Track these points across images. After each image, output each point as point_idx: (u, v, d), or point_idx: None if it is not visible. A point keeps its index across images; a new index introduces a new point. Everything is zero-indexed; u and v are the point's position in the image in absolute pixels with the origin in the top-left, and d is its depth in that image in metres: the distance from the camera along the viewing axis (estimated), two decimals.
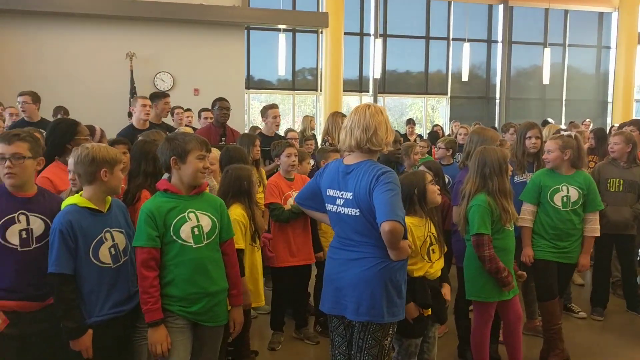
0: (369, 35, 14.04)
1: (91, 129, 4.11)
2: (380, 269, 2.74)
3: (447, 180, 5.20)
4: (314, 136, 7.68)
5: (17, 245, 2.66)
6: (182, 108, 7.81)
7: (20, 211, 2.68)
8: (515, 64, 15.53)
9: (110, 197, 2.85)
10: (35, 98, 6.34)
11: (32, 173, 2.79)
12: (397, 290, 2.81)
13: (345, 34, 12.38)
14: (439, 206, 3.47)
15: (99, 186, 2.74)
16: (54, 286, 2.63)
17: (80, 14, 10.24)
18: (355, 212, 2.74)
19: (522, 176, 4.52)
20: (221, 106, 5.93)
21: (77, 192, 2.84)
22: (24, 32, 10.21)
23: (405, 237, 2.77)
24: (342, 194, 2.82)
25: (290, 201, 4.33)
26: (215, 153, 4.09)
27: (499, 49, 15.30)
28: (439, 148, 5.81)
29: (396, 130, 9.16)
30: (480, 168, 3.59)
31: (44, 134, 4.10)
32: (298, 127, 9.10)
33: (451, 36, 14.82)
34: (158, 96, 6.04)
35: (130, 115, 9.68)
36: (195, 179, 2.82)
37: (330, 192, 2.88)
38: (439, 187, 3.36)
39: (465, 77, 13.27)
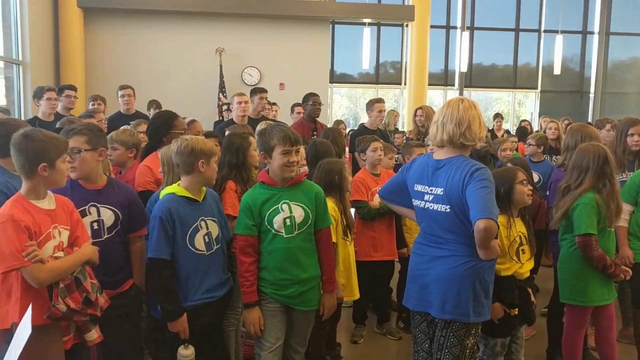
0: (455, 28, 13.74)
1: (192, 123, 4.32)
2: (468, 267, 2.70)
3: (537, 178, 5.02)
4: (397, 131, 7.64)
5: (89, 237, 2.78)
6: (269, 102, 7.98)
7: (90, 203, 2.81)
8: (612, 56, 14.68)
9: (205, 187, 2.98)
10: (134, 92, 6.72)
11: (95, 165, 2.86)
12: (485, 290, 2.77)
13: (431, 27, 12.18)
14: (529, 206, 3.36)
15: (195, 176, 2.87)
16: (153, 270, 2.80)
17: (172, 11, 10.69)
18: (446, 209, 2.71)
19: (622, 175, 4.28)
20: (314, 101, 6.01)
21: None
22: (118, 29, 10.78)
23: (495, 237, 2.71)
24: (431, 190, 2.78)
25: (377, 197, 4.34)
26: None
27: (594, 40, 14.51)
28: (529, 145, 5.57)
29: (491, 129, 8.97)
30: (600, 165, 3.39)
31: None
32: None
33: (543, 28, 14.22)
34: (254, 92, 6.25)
35: (220, 107, 10.09)
36: (281, 172, 2.89)
37: (419, 187, 2.85)
38: (530, 188, 3.24)
39: (557, 71, 12.71)
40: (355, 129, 6.98)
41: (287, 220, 2.89)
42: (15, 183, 3.04)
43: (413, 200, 2.90)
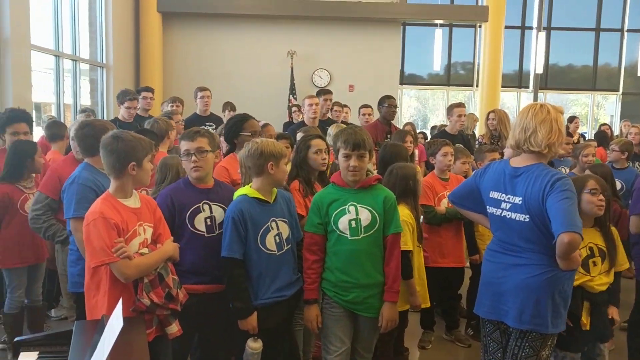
0: (531, 28, 13.31)
1: (265, 127, 4.45)
2: (548, 277, 2.64)
3: (620, 186, 4.80)
4: (472, 135, 7.50)
5: (204, 232, 2.97)
6: (340, 104, 8.02)
7: (203, 201, 2.98)
8: None
9: (276, 188, 3.05)
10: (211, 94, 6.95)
11: (212, 166, 3.09)
12: (564, 301, 2.71)
13: (505, 27, 11.86)
14: (609, 215, 3.21)
15: (265, 178, 2.94)
16: (225, 270, 2.89)
17: (246, 15, 10.94)
18: (524, 218, 2.64)
19: None
20: (390, 104, 6.01)
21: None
22: (195, 33, 11.13)
23: None
24: (508, 198, 2.72)
25: (444, 202, 4.29)
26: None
27: None
28: (612, 150, 5.31)
29: (568, 132, 8.63)
30: None
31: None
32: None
33: (626, 27, 13.54)
34: (319, 93, 6.36)
35: (290, 109, 10.23)
36: (344, 175, 2.95)
37: (494, 194, 2.79)
38: (601, 199, 3.06)
39: None
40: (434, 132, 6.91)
41: (353, 222, 2.91)
42: (103, 181, 3.23)
43: (487, 207, 2.85)
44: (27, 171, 3.99)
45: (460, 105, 6.09)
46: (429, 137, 8.32)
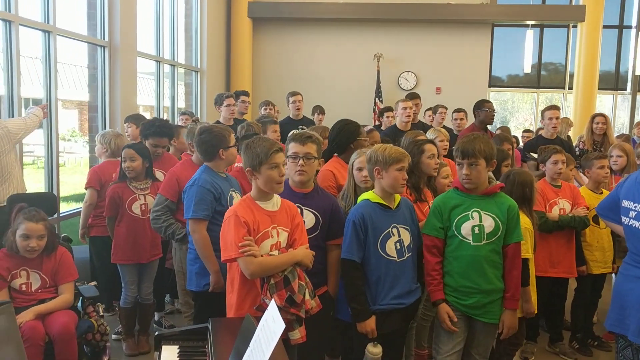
0: (629, 27, 12.63)
1: (371, 132, 4.49)
2: None
3: None
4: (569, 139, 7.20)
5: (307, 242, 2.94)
6: (430, 109, 7.95)
7: (296, 205, 2.98)
8: None
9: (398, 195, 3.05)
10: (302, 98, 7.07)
11: (315, 172, 3.12)
12: None
13: (603, 27, 11.31)
14: None
15: (378, 183, 2.97)
16: (344, 271, 2.93)
17: (333, 19, 11.02)
18: None
19: None
20: (489, 108, 5.90)
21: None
22: (283, 37, 11.34)
23: None
24: (635, 206, 2.64)
25: (556, 209, 4.17)
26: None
27: None
28: None
29: None
30: None
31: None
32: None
33: None
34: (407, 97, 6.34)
35: (375, 112, 10.23)
36: (461, 183, 2.98)
37: (625, 203, 2.73)
38: None
39: None
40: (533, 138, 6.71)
41: (476, 229, 2.91)
42: (222, 184, 3.37)
43: (622, 217, 2.76)
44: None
45: (552, 107, 5.86)
46: (520, 140, 8.06)
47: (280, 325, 1.55)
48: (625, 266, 2.77)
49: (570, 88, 11.80)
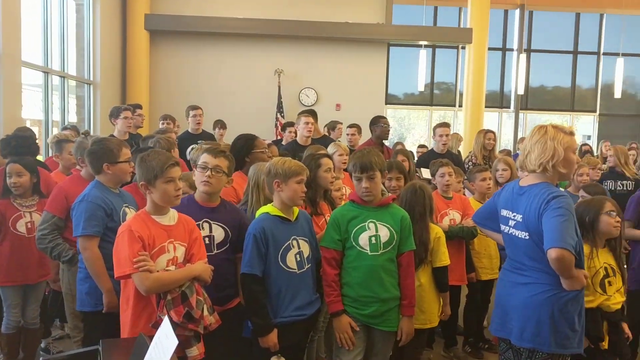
0: (512, 50, 13.64)
1: (270, 147, 4.46)
2: (549, 296, 2.67)
3: None
4: (459, 154, 7.59)
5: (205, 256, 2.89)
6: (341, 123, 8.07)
7: (204, 219, 2.95)
8: None
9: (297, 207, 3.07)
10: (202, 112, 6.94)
11: (222, 188, 3.07)
12: (568, 322, 2.70)
13: (488, 49, 12.12)
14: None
15: (277, 196, 2.97)
16: (245, 286, 2.88)
17: (234, 34, 10.99)
18: (525, 236, 2.71)
19: None
20: (384, 123, 6.08)
21: None
22: (182, 51, 11.16)
23: (581, 267, 2.69)
24: (514, 216, 2.80)
25: (446, 220, 4.35)
26: None
27: None
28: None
29: None
30: None
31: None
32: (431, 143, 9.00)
33: (602, 50, 13.96)
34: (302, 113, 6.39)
35: (277, 127, 10.27)
36: (360, 196, 3.04)
37: (504, 212, 2.88)
38: (618, 220, 3.16)
39: (618, 94, 12.40)
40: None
41: (373, 239, 2.99)
42: (113, 199, 3.22)
43: (500, 225, 2.92)
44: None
45: (443, 125, 6.18)
46: (415, 155, 8.40)
47: (173, 342, 1.50)
48: (505, 272, 2.92)
49: (461, 106, 12.49)
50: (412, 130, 14.50)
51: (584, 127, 14.54)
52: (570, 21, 13.91)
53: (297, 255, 2.95)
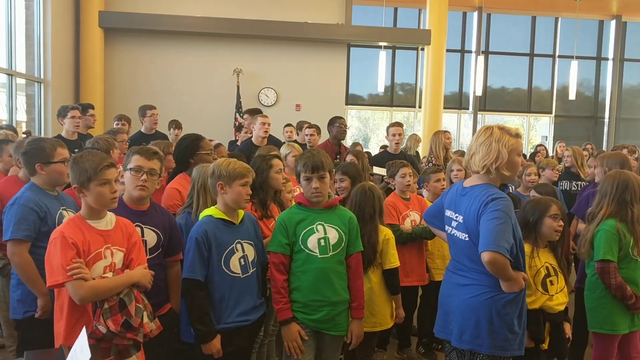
0: (470, 52, 13.82)
1: (218, 147, 4.34)
2: (487, 298, 2.67)
3: None
4: (417, 155, 7.63)
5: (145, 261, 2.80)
6: (292, 125, 8.04)
7: (136, 223, 2.83)
8: (627, 82, 14.70)
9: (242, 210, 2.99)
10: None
11: (154, 189, 2.97)
12: (507, 324, 2.68)
13: (447, 50, 12.25)
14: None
15: (221, 199, 2.89)
16: (187, 291, 2.79)
17: (191, 32, 10.80)
18: (465, 237, 2.71)
19: None
20: (341, 124, 6.04)
21: None
22: (138, 49, 10.91)
23: (520, 269, 2.70)
24: (456, 216, 2.80)
25: (408, 221, 4.34)
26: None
27: (609, 66, 14.54)
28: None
29: None
30: (619, 193, 3.38)
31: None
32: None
33: (557, 53, 14.28)
34: (253, 112, 6.33)
35: (236, 127, 10.15)
36: (308, 197, 2.98)
37: (448, 212, 2.87)
38: (560, 224, 3.18)
39: (572, 96, 12.70)
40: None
41: (322, 241, 2.93)
42: (49, 202, 3.08)
43: (445, 225, 2.92)
44: None
45: (395, 124, 6.15)
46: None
47: (87, 355, 1.40)
48: (448, 273, 2.91)
49: (421, 107, 12.59)
50: (377, 131, 14.55)
51: (542, 127, 14.85)
52: (526, 24, 14.19)
53: (242, 259, 2.88)
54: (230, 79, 10.96)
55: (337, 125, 6.01)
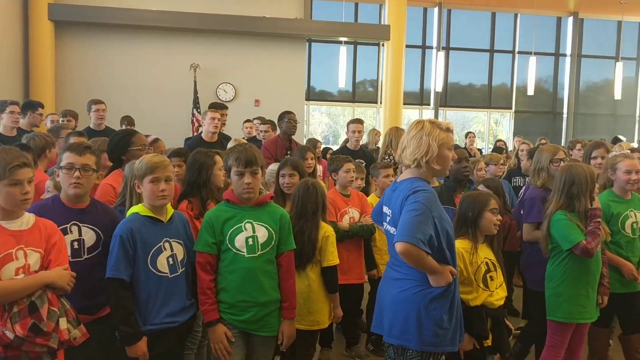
0: (431, 48, 13.88)
1: (156, 142, 4.19)
2: (415, 292, 2.64)
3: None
4: (376, 151, 7.57)
5: (68, 256, 2.66)
6: (251, 121, 7.91)
7: (72, 222, 2.72)
8: (584, 78, 14.99)
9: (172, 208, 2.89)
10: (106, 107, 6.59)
11: (92, 186, 2.86)
12: (436, 319, 2.63)
13: (407, 46, 12.26)
14: (500, 227, 3.32)
15: (142, 196, 2.78)
16: (111, 291, 2.67)
17: (146, 26, 10.57)
18: (394, 231, 2.67)
19: None
20: (290, 119, 5.96)
21: None
22: (91, 43, 10.62)
23: (448, 262, 2.66)
24: (389, 211, 2.78)
25: (346, 218, 4.28)
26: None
27: (567, 62, 14.79)
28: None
29: (464, 148, 8.99)
30: (568, 187, 3.42)
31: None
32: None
33: (517, 49, 14.45)
34: (212, 107, 6.22)
35: (194, 124, 10.00)
36: (239, 193, 2.88)
37: (384, 208, 2.85)
38: (499, 218, 3.18)
39: (531, 91, 12.86)
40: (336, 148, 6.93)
41: (250, 240, 2.85)
42: None
43: (383, 222, 2.88)
44: None
45: (355, 121, 6.14)
46: None
47: None
48: (387, 268, 2.87)
49: (382, 103, 12.59)
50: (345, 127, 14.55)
51: (505, 123, 15.03)
52: (486, 20, 14.31)
53: (170, 259, 2.77)
54: (187, 75, 10.76)
55: (287, 120, 5.93)
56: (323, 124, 14.79)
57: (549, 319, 3.55)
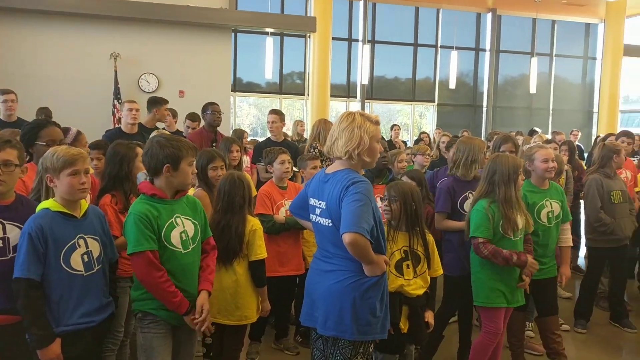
0: (357, 41, 14.02)
1: (65, 130, 3.94)
2: (350, 283, 2.66)
3: None
4: (299, 142, 7.57)
5: None
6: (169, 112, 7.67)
7: None
8: (502, 73, 15.64)
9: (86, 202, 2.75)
10: (17, 97, 6.20)
11: (16, 181, 2.72)
12: (369, 308, 2.68)
13: (333, 39, 12.33)
14: (424, 218, 3.40)
15: (57, 191, 2.64)
16: (19, 292, 2.51)
17: (64, 12, 9.99)
18: (328, 223, 2.68)
19: None
20: (214, 110, 5.84)
21: None
22: (4, 30, 9.95)
23: (382, 252, 2.71)
24: (319, 204, 2.77)
25: (283, 211, 4.24)
26: None
27: (486, 57, 15.37)
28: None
29: (389, 140, 9.14)
30: (490, 175, 3.57)
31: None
32: (288, 131, 8.91)
33: (439, 44, 14.86)
34: (159, 102, 5.97)
35: (115, 115, 9.61)
36: (185, 185, 2.84)
37: (312, 201, 2.83)
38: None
39: (452, 85, 13.28)
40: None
41: (183, 235, 2.79)
42: None
43: (310, 214, 2.86)
44: None
45: (272, 112, 6.11)
46: None
47: None
48: (315, 260, 2.87)
49: (309, 95, 12.60)
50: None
51: (429, 115, 15.43)
52: (410, 14, 14.62)
53: (85, 256, 2.63)
54: (107, 64, 10.29)
55: (210, 111, 5.81)
56: (251, 116, 14.65)
57: (475, 304, 3.73)
